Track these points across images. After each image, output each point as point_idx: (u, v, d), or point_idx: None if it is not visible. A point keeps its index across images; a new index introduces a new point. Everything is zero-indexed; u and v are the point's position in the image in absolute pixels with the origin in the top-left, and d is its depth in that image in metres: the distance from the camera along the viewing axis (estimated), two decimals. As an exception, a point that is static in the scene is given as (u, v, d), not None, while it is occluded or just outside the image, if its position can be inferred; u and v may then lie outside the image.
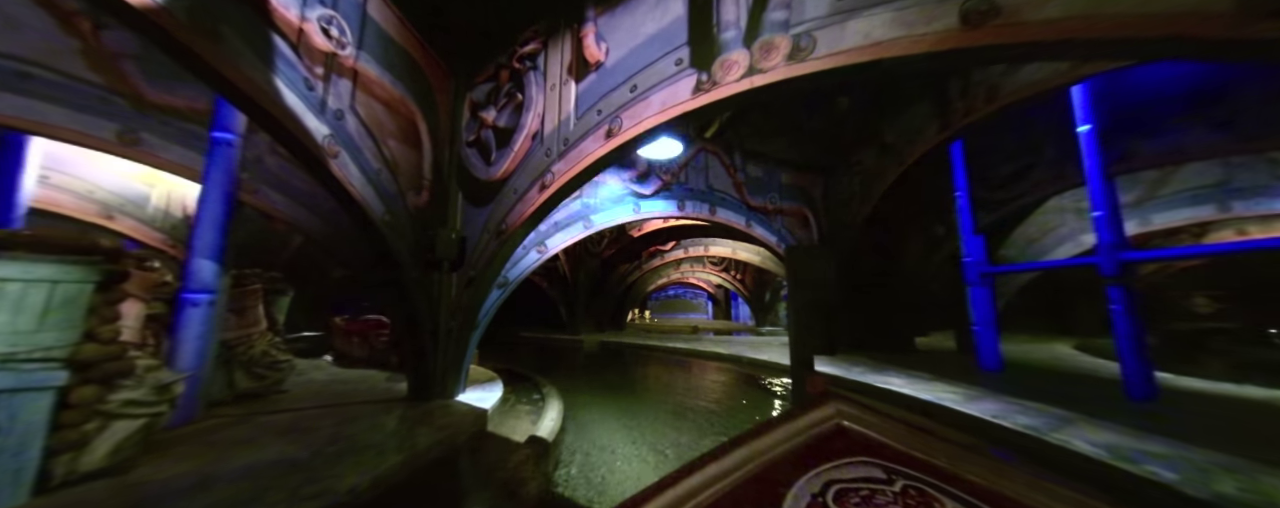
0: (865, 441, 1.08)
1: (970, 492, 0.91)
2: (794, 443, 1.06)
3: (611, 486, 3.52)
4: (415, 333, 4.67)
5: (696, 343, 11.54)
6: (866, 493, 0.90)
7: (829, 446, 1.06)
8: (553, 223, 6.14)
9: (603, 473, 3.85)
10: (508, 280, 5.67)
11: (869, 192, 7.81)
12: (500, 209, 4.72)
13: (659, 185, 7.23)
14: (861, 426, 1.14)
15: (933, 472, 0.97)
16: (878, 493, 0.90)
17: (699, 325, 21.98)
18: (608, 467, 3.96)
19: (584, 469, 3.92)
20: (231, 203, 4.21)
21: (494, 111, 5.03)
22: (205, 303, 3.96)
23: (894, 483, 0.93)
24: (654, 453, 4.19)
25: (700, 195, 7.67)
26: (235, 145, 4.20)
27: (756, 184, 8.53)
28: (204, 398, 4.03)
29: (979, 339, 6.65)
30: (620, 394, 6.57)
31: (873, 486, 0.92)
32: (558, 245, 6.14)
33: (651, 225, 12.93)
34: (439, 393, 4.82)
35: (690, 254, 15.30)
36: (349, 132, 3.50)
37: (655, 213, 7.12)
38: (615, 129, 3.78)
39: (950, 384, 5.42)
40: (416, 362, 4.77)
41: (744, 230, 8.15)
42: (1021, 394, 4.70)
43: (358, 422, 3.86)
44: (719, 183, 7.99)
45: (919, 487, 0.92)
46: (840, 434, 1.12)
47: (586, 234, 6.43)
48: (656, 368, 9.76)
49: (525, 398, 5.87)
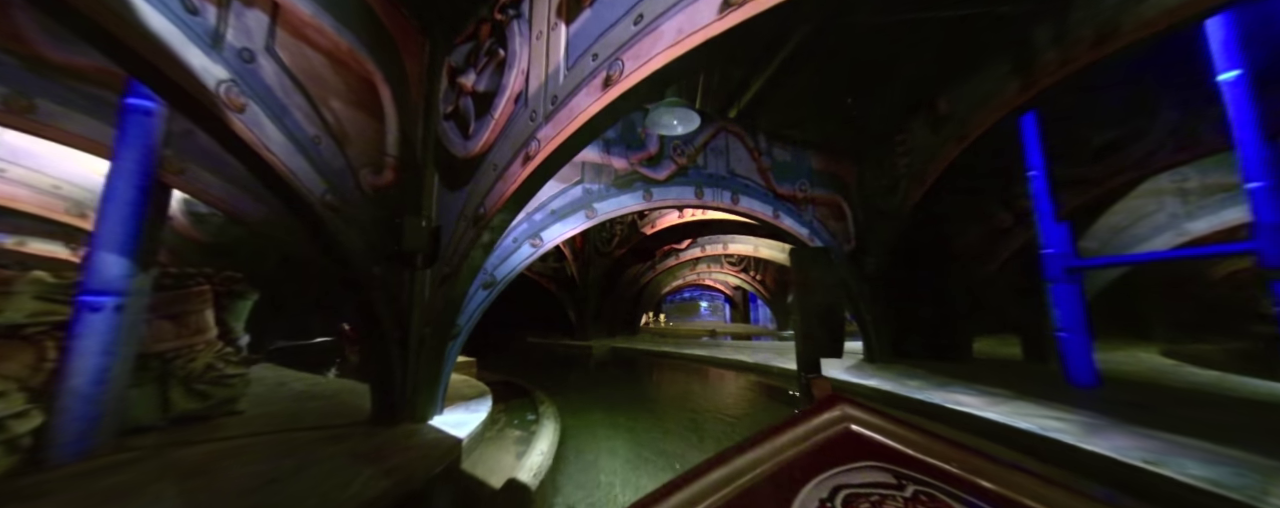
0: (874, 445, 1.04)
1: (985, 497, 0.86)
2: (800, 448, 1.02)
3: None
4: (378, 343, 3.83)
5: (716, 350, 10.51)
6: (876, 499, 0.85)
7: (837, 450, 1.02)
8: (549, 211, 5.26)
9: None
10: (495, 279, 4.80)
11: (919, 174, 6.70)
12: (478, 190, 3.85)
13: (673, 170, 6.28)
14: (870, 429, 1.09)
15: (945, 477, 0.93)
16: (888, 499, 0.85)
17: (717, 329, 20.88)
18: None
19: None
20: (150, 185, 3.44)
21: (473, 75, 4.18)
22: (109, 307, 3.19)
23: (905, 488, 0.88)
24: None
25: (720, 181, 6.69)
26: (155, 114, 3.43)
27: (784, 169, 7.50)
28: (112, 426, 3.25)
29: (1066, 347, 5.48)
30: (632, 413, 5.62)
31: (883, 491, 0.87)
32: (555, 238, 5.25)
33: (666, 222, 11.97)
34: (408, 415, 3.96)
35: (707, 253, 14.28)
36: (264, 81, 2.68)
37: (669, 201, 6.18)
38: (615, 75, 2.86)
39: (1043, 406, 4.30)
40: (380, 378, 3.92)
41: (771, 222, 7.13)
42: (1154, 423, 3.57)
43: (292, 458, 3.02)
44: (742, 168, 6.99)
45: (931, 492, 0.88)
46: (848, 438, 1.07)
47: (589, 225, 5.54)
48: (673, 378, 8.76)
49: (517, 419, 4.98)
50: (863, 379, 6.08)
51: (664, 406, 6.03)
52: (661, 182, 6.17)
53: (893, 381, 5.93)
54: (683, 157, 6.44)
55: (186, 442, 3.43)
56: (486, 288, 4.72)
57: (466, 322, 4.57)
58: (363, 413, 4.14)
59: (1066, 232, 5.66)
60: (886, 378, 6.14)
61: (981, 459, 0.96)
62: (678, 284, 20.81)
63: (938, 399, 4.76)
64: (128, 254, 3.29)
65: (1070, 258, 5.57)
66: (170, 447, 3.32)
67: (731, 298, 25.16)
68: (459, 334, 4.51)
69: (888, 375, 6.32)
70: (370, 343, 3.81)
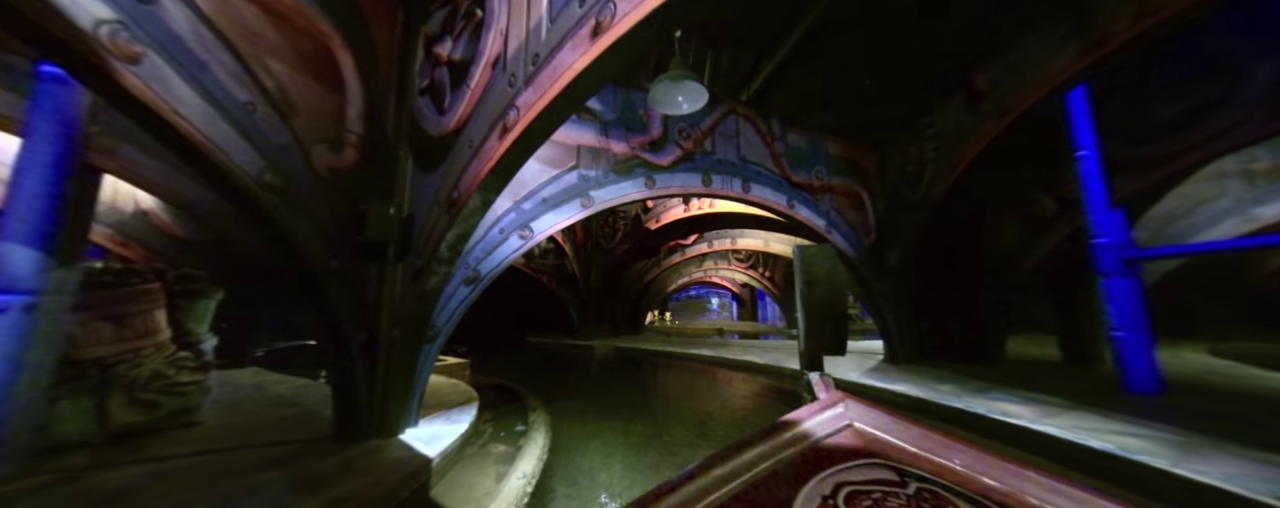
0: (878, 443, 1.03)
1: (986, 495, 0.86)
2: (804, 445, 1.01)
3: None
4: (338, 347, 3.33)
5: (724, 350, 9.96)
6: (878, 496, 0.85)
7: (840, 447, 1.01)
8: (540, 200, 4.74)
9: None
10: (479, 274, 4.29)
11: (950, 159, 6.07)
12: (452, 171, 3.34)
13: (678, 155, 5.73)
14: (873, 427, 1.08)
15: (947, 475, 0.92)
16: (890, 496, 0.85)
17: (724, 327, 20.30)
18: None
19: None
20: (71, 166, 2.97)
21: (450, 42, 3.66)
22: (16, 308, 2.72)
23: (907, 486, 0.88)
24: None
25: (730, 168, 6.13)
26: (76, 85, 2.95)
27: (799, 156, 6.91)
28: (23, 445, 2.79)
29: (1123, 349, 4.85)
30: (634, 419, 5.10)
31: (885, 488, 0.87)
32: (547, 229, 4.73)
33: (671, 216, 11.43)
34: (377, 428, 3.47)
35: (714, 248, 13.70)
36: (170, 28, 2.18)
37: (674, 189, 5.63)
38: (605, 20, 2.33)
39: (1106, 417, 3.70)
40: (341, 387, 3.43)
41: (785, 212, 6.55)
42: (1257, 441, 2.96)
43: (221, 484, 2.54)
44: (753, 154, 6.42)
45: (933, 489, 0.87)
46: (852, 436, 1.06)
47: (585, 215, 5.01)
48: (678, 381, 8.23)
49: (505, 429, 4.47)
50: (888, 383, 5.50)
51: (667, 414, 5.51)
52: (665, 167, 5.62)
53: (922, 385, 5.34)
54: (689, 141, 5.88)
55: (115, 463, 2.97)
56: (469, 284, 4.22)
57: (446, 322, 4.07)
58: (327, 425, 3.65)
59: (1121, 219, 5.03)
60: (915, 382, 5.55)
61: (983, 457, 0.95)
62: (684, 282, 20.26)
63: (979, 408, 4.17)
64: (42, 247, 2.82)
65: (1127, 248, 4.94)
66: (95, 469, 2.86)
67: (739, 296, 24.54)
68: (437, 336, 4.01)
69: (916, 379, 5.73)
70: (327, 348, 3.32)
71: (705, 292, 26.36)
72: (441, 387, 5.69)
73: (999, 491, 0.89)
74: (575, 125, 5.10)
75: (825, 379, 1.57)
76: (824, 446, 1.05)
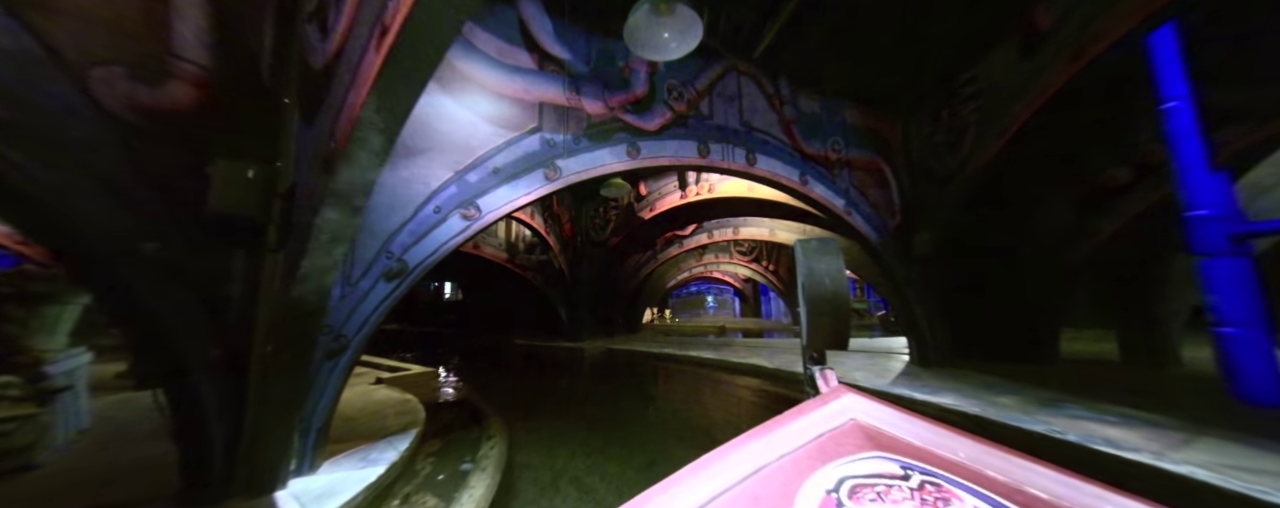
0: (880, 436, 1.01)
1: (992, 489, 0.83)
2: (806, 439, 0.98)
3: None
4: (169, 371, 2.30)
5: (728, 352, 8.94)
6: (882, 489, 0.83)
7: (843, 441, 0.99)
8: (490, 170, 3.69)
9: None
10: (406, 265, 3.25)
11: (998, 121, 5.03)
12: (327, 116, 2.30)
13: (668, 118, 4.68)
14: (876, 421, 1.07)
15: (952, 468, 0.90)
16: (893, 489, 0.83)
17: (726, 325, 19.32)
18: None
19: None
20: None
21: (339, -60, 2.60)
22: None
23: (910, 478, 0.86)
24: None
25: (732, 136, 5.08)
26: None
27: (812, 124, 5.87)
28: None
29: (1234, 349, 3.83)
30: (617, 443, 4.10)
31: (888, 481, 0.85)
32: (501, 208, 3.70)
33: (667, 203, 10.39)
34: (243, 484, 2.45)
35: (715, 239, 12.66)
36: None
37: (664, 158, 4.58)
38: None
39: (1258, 448, 2.68)
40: (183, 428, 2.40)
41: (797, 189, 5.51)
42: None
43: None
44: (759, 119, 5.37)
45: (937, 482, 0.85)
46: (854, 430, 1.04)
47: (551, 189, 3.97)
48: (675, 389, 7.22)
49: (448, 467, 3.45)
50: (929, 394, 4.48)
51: (662, 432, 4.51)
52: (653, 133, 4.57)
53: (974, 396, 4.33)
54: (681, 102, 4.83)
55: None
56: (392, 279, 3.18)
57: (359, 329, 3.04)
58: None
59: (1225, 186, 4.00)
60: (962, 392, 4.53)
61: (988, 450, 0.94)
62: (683, 277, 19.24)
63: (1067, 432, 3.15)
64: None
65: (1236, 221, 3.91)
66: None
67: (741, 291, 23.54)
68: (346, 348, 2.98)
69: (961, 387, 4.72)
70: (150, 372, 2.29)
71: (706, 287, 25.35)
72: (384, 406, 4.68)
73: (1003, 483, 0.86)
74: (536, 78, 4.05)
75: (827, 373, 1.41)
76: (826, 439, 1.01)
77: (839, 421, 1.06)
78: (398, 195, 3.30)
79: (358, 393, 5.49)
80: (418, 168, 3.41)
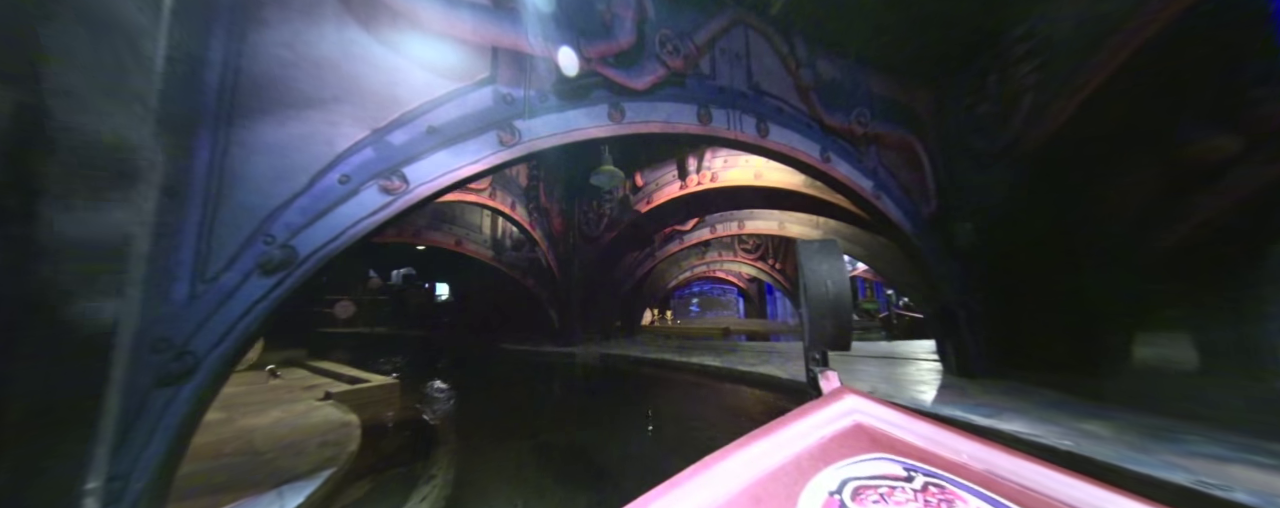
0: (883, 437, 1.01)
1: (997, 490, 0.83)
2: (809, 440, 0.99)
3: None
4: None
5: (734, 358, 8.01)
6: (885, 490, 0.82)
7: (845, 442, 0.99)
8: (424, 129, 2.81)
9: None
10: (294, 255, 2.36)
11: (1066, 83, 4.10)
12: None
13: (661, 74, 3.78)
14: (879, 422, 1.06)
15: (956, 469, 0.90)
16: (897, 490, 0.82)
17: (731, 326, 18.37)
18: None
19: None
20: None
21: None
22: None
23: (914, 480, 0.85)
24: None
25: (739, 101, 4.18)
26: None
27: (834, 91, 4.95)
28: None
29: None
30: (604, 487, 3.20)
31: (891, 482, 0.84)
32: (438, 178, 2.80)
33: (665, 195, 9.50)
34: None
35: (718, 234, 11.74)
36: None
37: (654, 124, 3.68)
38: None
39: None
40: None
41: (817, 166, 4.59)
42: None
43: None
44: (771, 83, 4.46)
45: (940, 484, 0.84)
46: (858, 431, 1.03)
47: (509, 158, 3.08)
48: (674, 405, 6.31)
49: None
50: (988, 418, 3.54)
51: (652, 472, 3.62)
52: (641, 93, 3.67)
53: (1046, 420, 3.39)
54: (677, 57, 3.92)
55: None
56: (272, 273, 2.29)
57: (215, 345, 2.15)
58: None
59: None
60: (1027, 413, 3.60)
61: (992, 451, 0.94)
62: (685, 277, 18.29)
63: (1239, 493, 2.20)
64: None
65: None
66: None
67: (745, 291, 22.59)
68: (194, 369, 2.09)
69: (1024, 406, 3.78)
70: None
71: (708, 288, 24.40)
72: (312, 434, 3.80)
73: (1007, 485, 0.85)
74: (489, 15, 3.15)
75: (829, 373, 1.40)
76: (829, 441, 0.99)
77: (842, 422, 1.06)
78: (285, 159, 2.41)
79: (295, 414, 4.62)
80: (316, 123, 2.52)
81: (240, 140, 2.32)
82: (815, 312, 1.51)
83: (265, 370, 7.02)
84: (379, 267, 22.49)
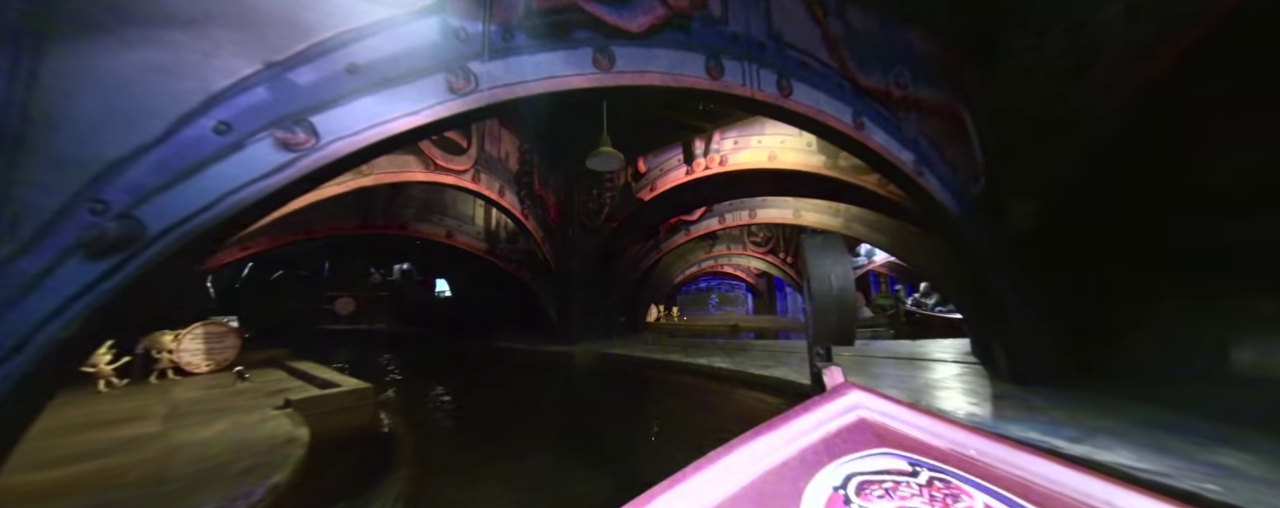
0: (888, 433, 1.02)
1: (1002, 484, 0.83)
2: (813, 435, 0.99)
3: None
4: None
5: (744, 359, 7.28)
6: (890, 485, 0.83)
7: (850, 438, 1.00)
8: (340, 67, 2.12)
9: None
10: (139, 228, 1.68)
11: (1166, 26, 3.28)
12: None
13: (660, 14, 3.04)
14: (883, 418, 1.07)
15: (960, 464, 0.90)
16: (901, 485, 0.83)
17: (739, 323, 17.60)
18: None
19: None
20: None
21: None
22: None
23: (918, 475, 0.86)
24: None
25: (756, 52, 3.42)
26: None
27: (868, 46, 4.17)
28: None
29: None
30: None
31: (896, 477, 0.85)
32: (361, 132, 2.12)
33: (670, 181, 8.75)
34: None
35: (727, 225, 10.97)
36: None
37: (651, 75, 2.95)
38: None
39: None
40: None
41: (851, 134, 3.82)
42: None
43: None
44: (794, 33, 3.70)
45: (945, 478, 0.84)
46: (861, 426, 1.04)
47: (462, 109, 2.38)
48: (682, 413, 5.62)
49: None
50: (1081, 444, 2.77)
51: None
52: (636, 36, 2.93)
53: (1165, 450, 2.62)
54: (680, -6, 3.17)
55: None
56: (102, 255, 1.61)
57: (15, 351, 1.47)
58: None
59: None
60: (1130, 438, 2.83)
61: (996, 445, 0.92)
62: (692, 272, 17.54)
63: None
64: None
65: None
66: None
67: (754, 287, 21.76)
68: None
69: (1121, 428, 3.00)
70: None
71: (715, 283, 23.59)
72: (242, 454, 3.15)
73: (1012, 478, 0.85)
74: (436, -75, 2.43)
75: (832, 369, 1.36)
76: (833, 436, 1.00)
77: (846, 417, 1.04)
78: (129, 97, 1.72)
79: (243, 426, 3.99)
80: (183, 50, 1.83)
81: (59, 65, 1.63)
82: (819, 306, 1.50)
83: (233, 372, 6.45)
84: (378, 263, 22.06)
